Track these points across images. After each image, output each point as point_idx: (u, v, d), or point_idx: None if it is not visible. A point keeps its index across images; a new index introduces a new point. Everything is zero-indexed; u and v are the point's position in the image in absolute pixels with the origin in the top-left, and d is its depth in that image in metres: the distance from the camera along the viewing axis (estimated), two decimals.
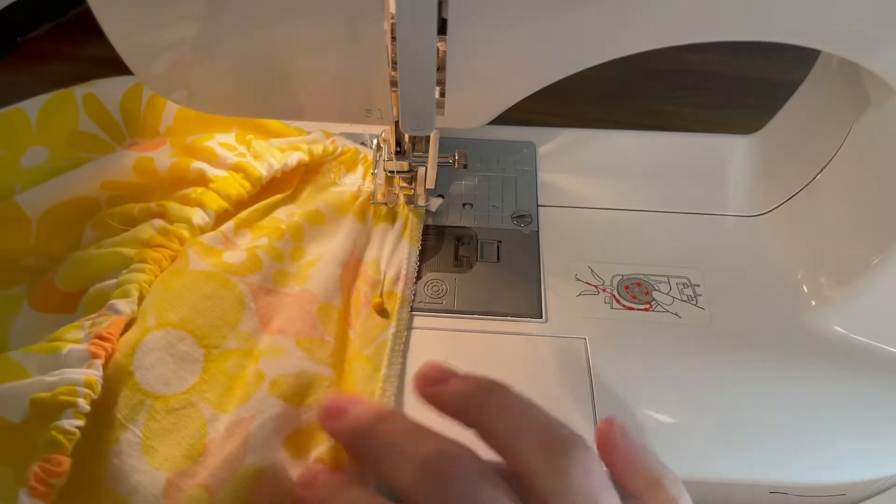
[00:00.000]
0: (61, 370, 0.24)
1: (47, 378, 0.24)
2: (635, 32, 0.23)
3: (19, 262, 0.31)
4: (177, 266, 0.30)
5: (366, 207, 0.36)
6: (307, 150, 0.36)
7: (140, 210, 0.31)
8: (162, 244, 0.30)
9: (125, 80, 0.36)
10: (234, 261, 0.31)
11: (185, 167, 0.33)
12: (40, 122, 0.34)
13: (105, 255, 0.29)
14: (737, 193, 0.39)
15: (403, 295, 0.32)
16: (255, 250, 0.31)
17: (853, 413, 0.30)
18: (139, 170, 0.33)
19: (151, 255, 0.29)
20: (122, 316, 0.27)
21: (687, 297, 0.34)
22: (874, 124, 0.32)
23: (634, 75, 0.52)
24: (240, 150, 0.34)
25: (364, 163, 0.37)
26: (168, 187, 0.33)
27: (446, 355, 0.31)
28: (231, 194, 0.33)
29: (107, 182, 0.32)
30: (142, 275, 0.28)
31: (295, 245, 0.33)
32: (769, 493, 0.29)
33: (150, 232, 0.30)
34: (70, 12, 0.55)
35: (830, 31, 0.24)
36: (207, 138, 0.34)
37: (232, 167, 0.33)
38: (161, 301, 0.28)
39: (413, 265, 0.34)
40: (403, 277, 0.33)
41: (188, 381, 0.27)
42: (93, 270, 0.29)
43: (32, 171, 0.33)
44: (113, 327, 0.26)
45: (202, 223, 0.32)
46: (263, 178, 0.34)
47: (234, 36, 0.23)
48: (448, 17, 0.22)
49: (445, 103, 0.26)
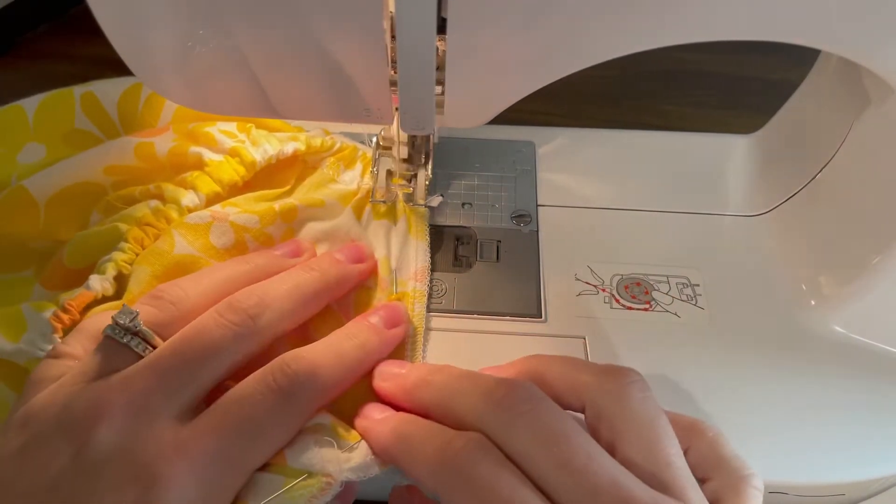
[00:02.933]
0: (31, 347, 0.26)
1: (23, 346, 0.26)
2: (635, 32, 0.23)
3: (28, 246, 0.32)
4: (162, 248, 0.30)
5: (363, 204, 0.36)
6: (305, 139, 0.36)
7: (141, 192, 0.32)
8: (150, 223, 0.31)
9: (124, 81, 0.36)
10: (220, 245, 0.31)
11: (183, 151, 0.33)
12: (38, 119, 0.34)
13: (106, 230, 0.30)
14: (736, 193, 0.39)
15: (416, 291, 0.32)
16: (243, 235, 0.32)
17: (853, 413, 0.30)
18: (140, 155, 0.33)
19: (134, 235, 0.30)
20: (91, 291, 0.28)
21: (686, 297, 0.34)
22: (874, 124, 0.32)
23: (634, 75, 0.52)
24: (239, 137, 0.35)
25: (363, 160, 0.37)
26: (169, 171, 0.33)
27: (446, 355, 0.31)
28: (223, 178, 0.33)
29: (110, 167, 0.33)
30: (121, 254, 0.29)
31: (287, 227, 0.33)
32: (769, 493, 0.29)
33: (145, 211, 0.31)
34: (69, 11, 0.55)
35: (830, 31, 0.24)
36: (208, 124, 0.35)
37: (228, 152, 0.34)
38: (148, 285, 0.29)
39: (425, 259, 0.33)
40: (415, 275, 0.33)
41: None
42: (96, 246, 0.30)
43: (29, 167, 0.33)
44: (77, 300, 0.27)
45: (191, 205, 0.32)
46: (258, 163, 0.34)
47: (234, 35, 0.23)
48: (448, 17, 0.22)
49: (445, 103, 0.26)
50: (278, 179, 0.36)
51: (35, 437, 0.22)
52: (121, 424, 0.22)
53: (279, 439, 0.24)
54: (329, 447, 0.25)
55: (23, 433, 0.23)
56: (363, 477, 0.25)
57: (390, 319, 0.29)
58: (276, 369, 0.25)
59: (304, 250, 0.32)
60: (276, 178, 0.36)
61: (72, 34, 0.53)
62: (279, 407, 0.24)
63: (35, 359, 0.26)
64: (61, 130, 0.35)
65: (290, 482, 0.24)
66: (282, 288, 0.28)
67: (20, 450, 0.22)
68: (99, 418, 0.22)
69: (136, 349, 0.25)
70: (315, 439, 0.25)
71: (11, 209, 0.31)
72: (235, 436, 0.23)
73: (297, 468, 0.24)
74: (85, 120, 0.35)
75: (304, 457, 0.24)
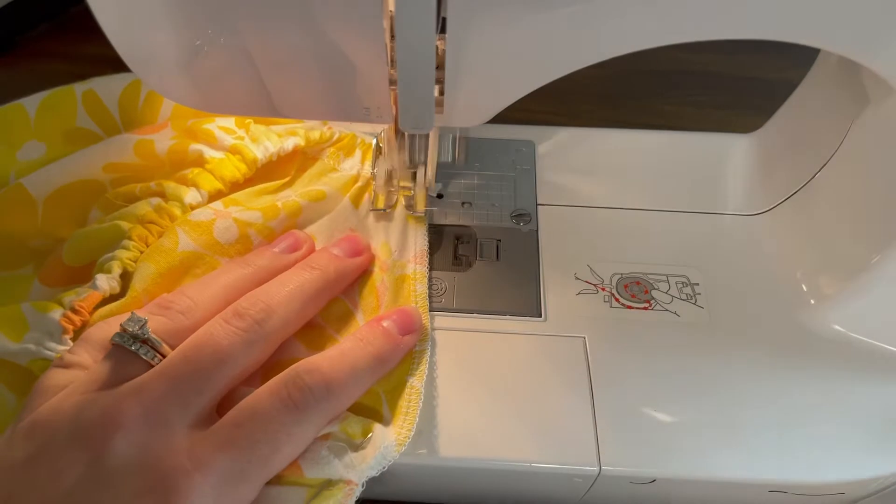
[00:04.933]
0: (38, 347, 0.26)
1: (31, 347, 0.26)
2: (635, 31, 0.23)
3: (27, 244, 0.31)
4: (166, 245, 0.30)
5: (362, 192, 0.36)
6: (304, 134, 0.36)
7: (141, 189, 0.32)
8: (154, 220, 0.31)
9: (125, 77, 0.36)
10: (224, 240, 0.31)
11: (183, 149, 0.33)
12: (38, 117, 0.34)
13: (106, 228, 0.30)
14: (736, 192, 0.39)
15: (416, 272, 0.32)
16: (247, 229, 0.32)
17: (852, 412, 0.30)
18: (140, 152, 0.33)
19: (138, 233, 0.30)
20: (99, 292, 0.28)
21: (686, 296, 0.34)
22: (873, 123, 0.32)
23: (634, 75, 0.52)
24: (238, 133, 0.35)
25: (362, 146, 0.37)
26: (169, 169, 0.33)
27: (445, 354, 0.31)
28: (225, 175, 0.33)
29: (109, 164, 0.33)
30: (125, 252, 0.29)
31: (290, 221, 0.33)
32: (768, 493, 0.29)
33: (147, 208, 0.31)
34: (69, 11, 0.55)
35: (830, 31, 0.24)
36: (208, 121, 0.35)
37: (229, 149, 0.34)
38: (153, 283, 0.29)
39: (423, 243, 0.33)
40: (414, 258, 0.33)
41: None
42: (96, 244, 0.30)
43: (28, 164, 0.33)
44: (87, 301, 0.27)
45: (193, 202, 0.32)
46: (259, 160, 0.34)
47: (233, 34, 0.23)
48: (447, 16, 0.22)
49: (445, 102, 0.26)
50: (279, 172, 0.36)
51: (45, 446, 0.22)
52: (136, 434, 0.22)
53: (293, 452, 0.24)
54: (343, 453, 0.25)
55: (31, 442, 0.22)
56: (383, 469, 0.25)
57: (404, 325, 0.29)
58: (290, 382, 0.25)
59: (302, 242, 0.32)
60: (277, 171, 0.36)
61: (72, 34, 0.53)
62: (293, 421, 0.24)
63: (39, 359, 0.26)
64: (62, 128, 0.35)
65: (313, 492, 0.24)
66: (284, 290, 0.28)
67: (29, 459, 0.22)
68: (114, 427, 0.22)
69: (145, 357, 0.25)
70: (328, 446, 0.25)
71: (9, 207, 0.31)
72: (250, 450, 0.23)
73: (315, 478, 0.24)
74: (87, 118, 0.35)
75: (320, 467, 0.24)
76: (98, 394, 0.23)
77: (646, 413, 0.29)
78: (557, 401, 0.29)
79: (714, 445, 0.29)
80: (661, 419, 0.29)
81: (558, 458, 0.28)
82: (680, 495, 0.29)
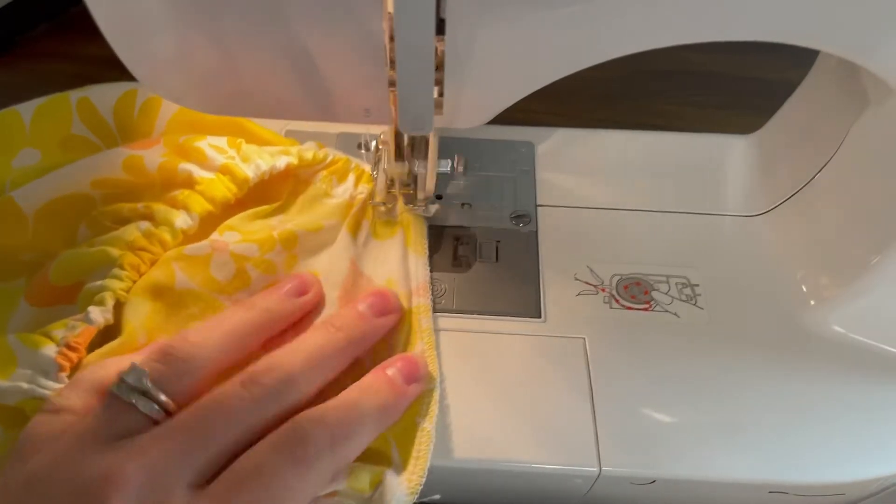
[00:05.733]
0: (31, 386, 0.25)
1: (24, 385, 0.25)
2: (635, 32, 0.23)
3: (18, 257, 0.31)
4: (161, 280, 0.29)
5: (359, 220, 0.35)
6: (296, 153, 0.35)
7: (129, 210, 0.31)
8: (144, 247, 0.30)
9: (120, 86, 0.35)
10: (222, 277, 0.30)
11: (173, 167, 0.32)
12: (34, 124, 0.34)
13: (94, 253, 0.29)
14: (736, 193, 0.39)
15: (420, 306, 0.31)
16: (244, 264, 0.31)
17: (853, 413, 0.30)
18: (129, 168, 0.32)
19: (129, 261, 0.29)
20: (94, 326, 0.27)
21: (686, 297, 0.34)
22: (873, 124, 0.32)
23: (634, 75, 0.52)
24: (230, 152, 0.34)
25: (355, 172, 0.36)
26: (159, 187, 0.33)
27: (444, 355, 0.31)
28: (216, 197, 0.32)
29: (97, 180, 0.32)
30: (118, 282, 0.29)
31: (287, 254, 0.32)
32: (768, 493, 0.29)
33: (136, 234, 0.30)
34: (69, 11, 0.55)
35: (830, 31, 0.24)
36: (199, 139, 0.34)
37: (219, 169, 0.33)
38: (149, 320, 0.28)
39: (425, 275, 0.33)
40: (416, 290, 0.32)
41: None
42: (83, 267, 0.29)
43: (23, 172, 0.33)
44: (82, 336, 0.27)
45: (185, 226, 0.31)
46: (250, 179, 0.33)
47: (232, 35, 0.23)
48: (446, 17, 0.22)
49: (444, 103, 0.26)
50: (271, 194, 0.35)
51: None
52: (136, 496, 0.22)
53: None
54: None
55: (28, 499, 0.22)
56: None
57: (409, 374, 0.28)
58: (292, 436, 0.24)
59: (310, 286, 0.31)
60: (269, 193, 0.35)
61: (72, 34, 0.53)
62: (297, 478, 0.23)
63: (31, 398, 0.25)
64: (58, 136, 0.34)
65: None
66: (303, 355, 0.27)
67: None
68: (114, 489, 0.21)
69: (143, 409, 0.24)
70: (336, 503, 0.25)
71: (0, 221, 0.31)
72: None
73: None
74: (81, 126, 0.35)
75: None
76: (98, 451, 0.23)
77: (646, 414, 0.29)
78: (557, 401, 0.29)
79: (714, 446, 0.29)
80: (661, 420, 0.29)
81: (558, 459, 0.28)
82: (680, 496, 0.29)
